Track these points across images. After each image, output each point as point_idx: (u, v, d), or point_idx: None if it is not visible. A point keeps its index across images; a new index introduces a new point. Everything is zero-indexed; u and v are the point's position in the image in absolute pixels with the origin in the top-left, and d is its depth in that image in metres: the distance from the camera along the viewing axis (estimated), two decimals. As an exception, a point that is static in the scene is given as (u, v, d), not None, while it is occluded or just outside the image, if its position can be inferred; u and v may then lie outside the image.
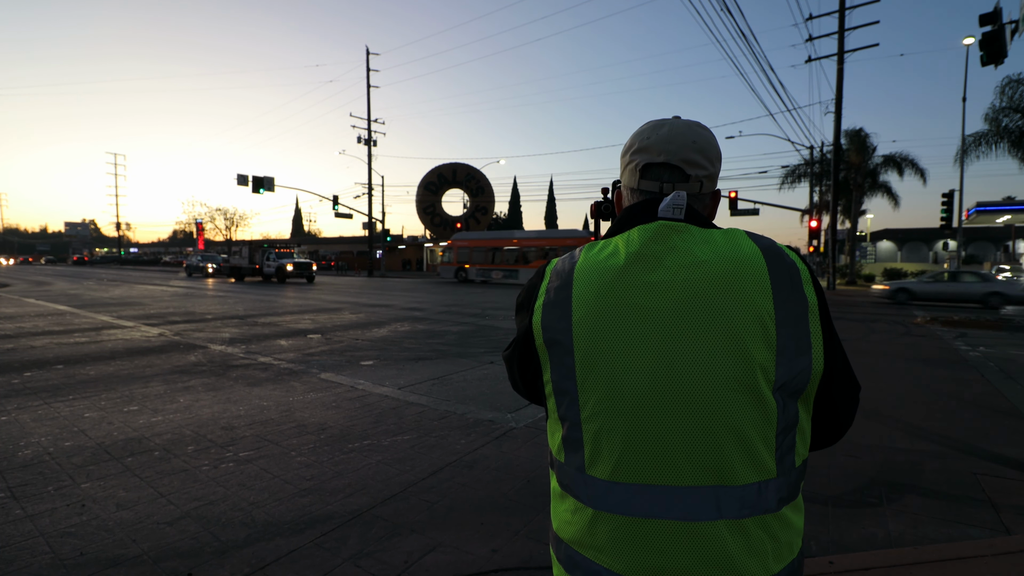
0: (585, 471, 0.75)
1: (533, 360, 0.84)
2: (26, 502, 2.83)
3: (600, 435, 0.74)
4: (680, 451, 0.70)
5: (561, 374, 0.77)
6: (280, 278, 28.30)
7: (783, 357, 0.72)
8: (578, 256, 0.82)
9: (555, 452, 0.82)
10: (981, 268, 32.55)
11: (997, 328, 11.36)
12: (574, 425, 0.76)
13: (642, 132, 0.87)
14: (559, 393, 0.79)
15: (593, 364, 0.74)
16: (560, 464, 0.80)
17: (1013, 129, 20.18)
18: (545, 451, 3.69)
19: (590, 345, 0.75)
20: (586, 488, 0.75)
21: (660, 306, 0.73)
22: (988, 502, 2.96)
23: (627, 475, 0.72)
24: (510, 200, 74.30)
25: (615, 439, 0.73)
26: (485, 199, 48.49)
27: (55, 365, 6.41)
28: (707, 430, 0.70)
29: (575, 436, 0.77)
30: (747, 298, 0.72)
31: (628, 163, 0.88)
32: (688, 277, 0.74)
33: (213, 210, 58.73)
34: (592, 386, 0.74)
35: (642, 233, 0.79)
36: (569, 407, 0.77)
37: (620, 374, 0.73)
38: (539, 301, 0.82)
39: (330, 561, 2.31)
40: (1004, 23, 9.15)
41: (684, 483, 0.70)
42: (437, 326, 10.64)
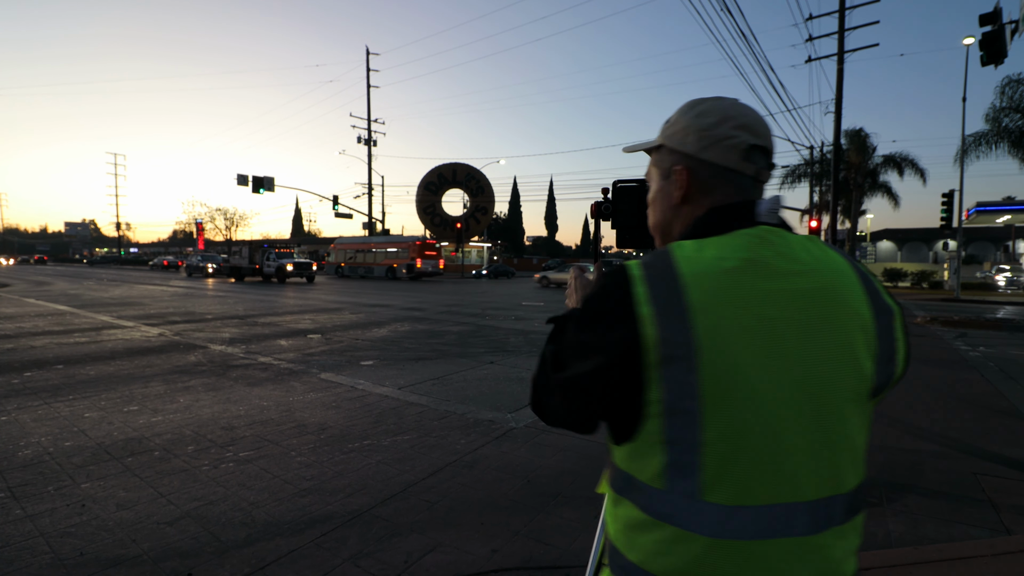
0: (699, 497, 0.67)
1: (631, 377, 0.69)
2: (26, 502, 2.83)
3: (726, 458, 0.67)
4: (806, 466, 0.68)
5: (678, 393, 0.67)
6: (280, 278, 28.33)
7: (879, 365, 0.73)
8: (673, 259, 0.71)
9: (647, 478, 0.71)
10: (981, 268, 32.55)
11: (997, 328, 11.36)
12: (689, 448, 0.67)
13: (730, 106, 0.79)
14: (671, 414, 0.67)
15: (721, 381, 0.66)
16: (655, 491, 0.71)
17: (1013, 129, 20.16)
18: (544, 451, 3.69)
19: (718, 360, 0.66)
20: (699, 515, 0.68)
21: (783, 316, 0.69)
22: (988, 502, 2.96)
23: (752, 497, 0.67)
24: (510, 200, 74.33)
25: (743, 461, 0.67)
26: (485, 199, 48.50)
27: (55, 365, 6.41)
28: (829, 442, 0.69)
29: (688, 460, 0.68)
30: (853, 308, 0.72)
31: (726, 137, 0.78)
32: (802, 286, 0.70)
33: (213, 210, 58.78)
34: (721, 405, 0.66)
35: (747, 237, 0.73)
36: (684, 428, 0.67)
37: (752, 391, 0.66)
38: (644, 309, 0.68)
39: (330, 561, 2.31)
40: (1004, 23, 9.16)
41: (806, 498, 0.68)
42: (437, 326, 10.64)
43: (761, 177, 0.79)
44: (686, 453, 0.68)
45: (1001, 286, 25.71)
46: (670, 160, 0.84)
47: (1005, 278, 25.74)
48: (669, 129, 0.84)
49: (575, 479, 3.21)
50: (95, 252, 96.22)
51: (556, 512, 2.80)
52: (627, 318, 0.69)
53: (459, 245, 42.10)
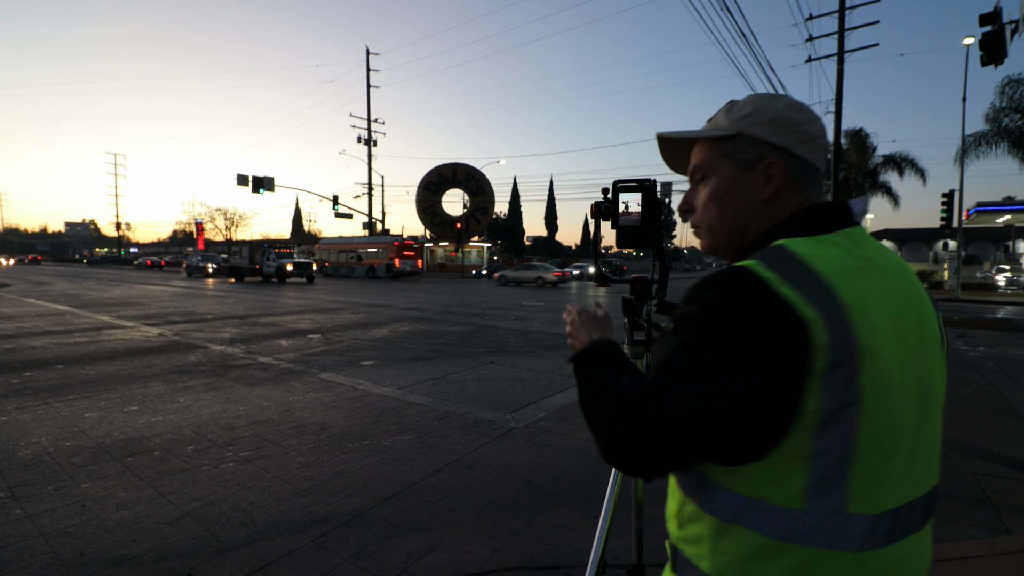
0: (843, 511, 0.63)
1: (786, 394, 0.62)
2: (26, 502, 2.83)
3: (875, 465, 0.64)
4: (926, 461, 0.70)
5: (838, 401, 0.62)
6: (280, 278, 28.36)
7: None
8: (798, 257, 0.66)
9: (781, 499, 0.64)
10: (981, 268, 32.54)
11: (997, 328, 11.36)
12: (839, 460, 0.63)
13: (802, 105, 0.79)
14: (825, 424, 0.62)
15: (878, 384, 0.63)
16: (791, 512, 0.64)
17: (1013, 129, 20.16)
18: (544, 451, 3.69)
19: (875, 362, 0.63)
20: (845, 531, 0.63)
21: (907, 314, 0.68)
22: (988, 502, 2.96)
23: (891, 501, 0.65)
24: (510, 200, 74.31)
25: (891, 466, 0.65)
26: (485, 199, 48.49)
27: (55, 365, 6.41)
28: (937, 435, 0.72)
29: (836, 472, 0.63)
30: (931, 304, 0.74)
31: (817, 136, 0.77)
32: (905, 285, 0.71)
33: (213, 210, 58.77)
34: (876, 410, 0.63)
35: (854, 237, 0.72)
36: (838, 439, 0.62)
37: (898, 392, 0.65)
38: (808, 311, 0.61)
39: (330, 561, 2.31)
40: (1004, 23, 9.16)
41: (922, 492, 0.69)
42: (437, 326, 10.64)
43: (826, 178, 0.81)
44: (835, 466, 0.63)
45: (1001, 286, 25.70)
46: (754, 151, 0.77)
47: (1005, 278, 25.73)
48: (749, 118, 0.77)
49: (575, 479, 3.21)
50: (95, 252, 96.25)
51: (556, 512, 2.79)
52: (784, 323, 0.62)
53: (459, 245, 42.09)
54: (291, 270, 28.20)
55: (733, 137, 0.78)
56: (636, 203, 1.12)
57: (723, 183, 0.79)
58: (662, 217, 1.16)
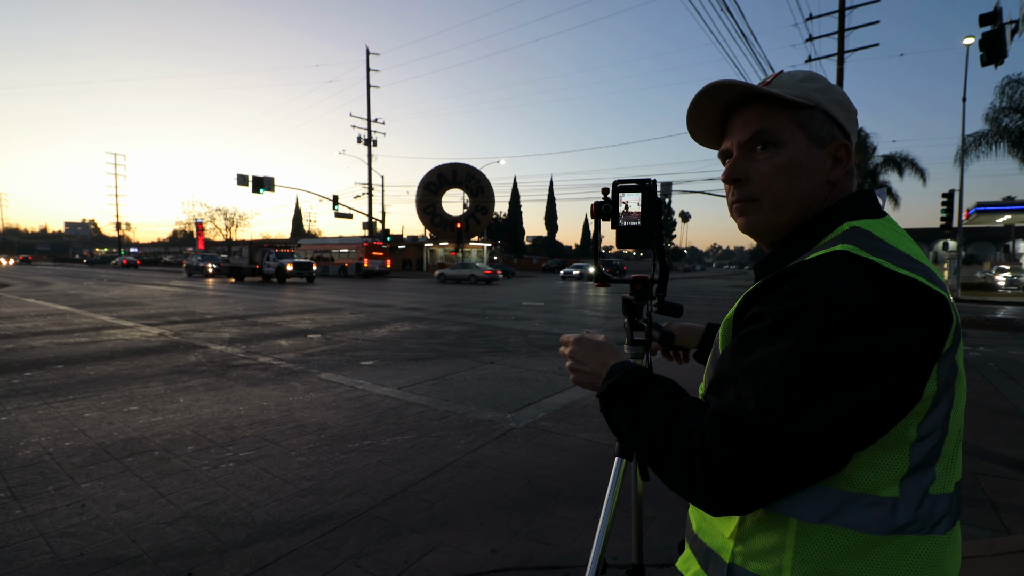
0: (930, 492, 0.62)
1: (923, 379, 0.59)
2: (26, 502, 2.83)
3: (956, 442, 0.65)
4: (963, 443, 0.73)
5: (944, 382, 0.61)
6: (280, 278, 28.38)
7: None
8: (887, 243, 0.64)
9: (879, 489, 0.60)
10: (981, 268, 32.53)
11: (997, 328, 11.36)
12: (937, 442, 0.62)
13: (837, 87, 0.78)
14: (935, 406, 0.61)
15: (962, 360, 0.64)
16: (888, 501, 0.60)
17: (1013, 129, 20.16)
18: (544, 451, 3.69)
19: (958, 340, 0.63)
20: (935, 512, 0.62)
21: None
22: (988, 502, 2.96)
23: (957, 474, 0.66)
24: (510, 200, 74.35)
25: (958, 444, 0.66)
26: (485, 199, 48.50)
27: (55, 365, 6.41)
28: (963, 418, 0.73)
29: (931, 455, 0.61)
30: None
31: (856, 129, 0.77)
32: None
33: (213, 210, 58.77)
34: (961, 386, 0.65)
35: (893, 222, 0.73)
36: (939, 420, 0.62)
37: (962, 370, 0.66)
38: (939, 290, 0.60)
39: (330, 561, 2.31)
40: (1004, 23, 9.16)
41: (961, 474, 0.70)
42: (437, 326, 10.64)
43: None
44: (933, 447, 0.61)
45: (1001, 286, 25.70)
46: (828, 130, 0.73)
47: (1005, 278, 25.72)
48: (825, 93, 0.74)
49: (575, 479, 3.21)
50: (95, 252, 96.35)
51: (556, 512, 2.79)
52: (922, 306, 0.58)
53: (459, 245, 42.08)
54: (291, 270, 28.23)
55: (811, 108, 0.73)
56: (636, 203, 1.12)
57: (799, 156, 0.72)
58: (662, 217, 1.16)
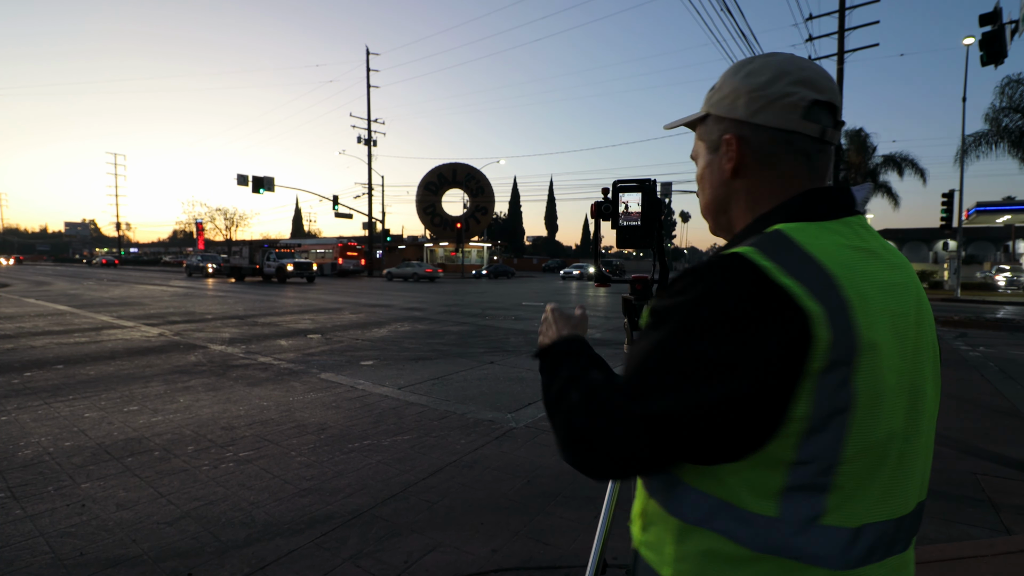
0: (819, 522, 0.59)
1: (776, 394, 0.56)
2: (26, 502, 2.83)
3: (862, 475, 0.59)
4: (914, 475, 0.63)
5: (829, 405, 0.56)
6: (281, 278, 28.37)
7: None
8: (799, 245, 0.61)
9: (752, 504, 0.60)
10: (981, 268, 32.53)
11: (997, 328, 11.36)
12: (824, 469, 0.58)
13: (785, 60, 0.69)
14: (813, 431, 0.57)
15: (873, 388, 0.58)
16: (762, 519, 0.60)
17: (1013, 129, 20.17)
18: (544, 451, 3.69)
19: (872, 364, 0.57)
20: (822, 543, 0.59)
21: (906, 311, 0.62)
22: (988, 502, 2.96)
23: (875, 514, 0.60)
24: (510, 200, 74.39)
25: (879, 476, 0.60)
26: (485, 199, 48.52)
27: (55, 365, 6.41)
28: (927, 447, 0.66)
29: (818, 481, 0.58)
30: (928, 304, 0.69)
31: (781, 96, 0.67)
32: (906, 280, 0.65)
33: (213, 210, 58.78)
34: (869, 415, 0.58)
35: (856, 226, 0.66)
36: (824, 447, 0.57)
37: (892, 397, 0.59)
38: (811, 304, 0.56)
39: (330, 561, 2.31)
40: (1004, 23, 9.16)
41: (909, 509, 0.64)
42: (437, 326, 10.64)
43: (827, 137, 0.68)
44: (818, 474, 0.58)
45: (1001, 286, 25.70)
46: (718, 130, 0.73)
47: (1005, 278, 25.72)
48: (715, 96, 0.74)
49: (575, 479, 3.21)
50: (95, 252, 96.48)
51: (556, 512, 2.79)
52: (784, 317, 0.56)
53: (459, 245, 42.12)
54: (291, 270, 28.20)
55: (704, 119, 0.76)
56: (636, 203, 1.12)
57: (701, 167, 0.78)
58: (662, 217, 1.16)
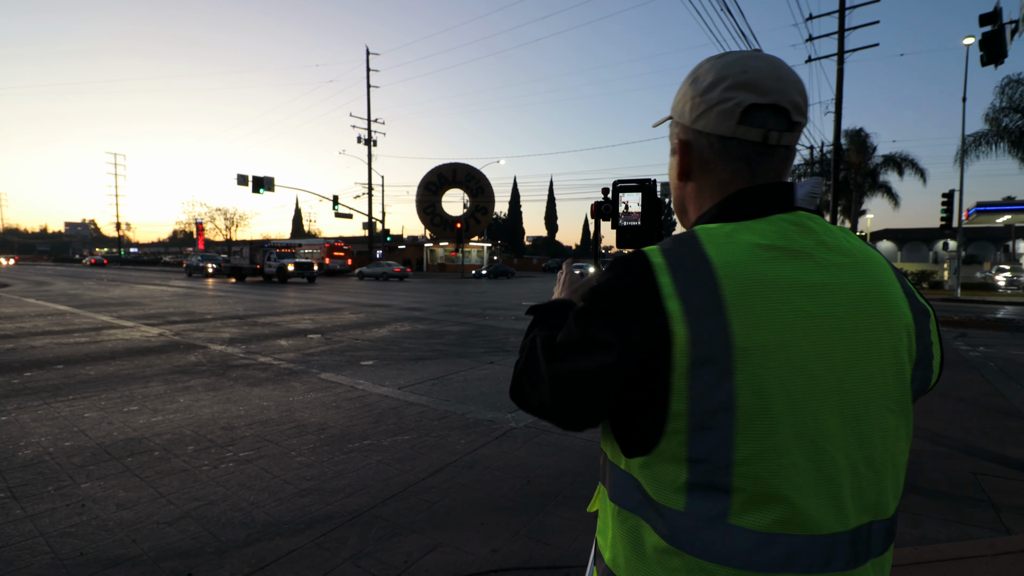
0: (726, 522, 0.58)
1: (645, 384, 0.60)
2: (26, 502, 2.83)
3: (761, 479, 0.57)
4: (849, 489, 0.60)
5: (708, 404, 0.57)
6: (282, 278, 28.31)
7: (918, 371, 0.67)
8: (701, 246, 0.62)
9: (661, 497, 0.62)
10: (981, 268, 32.53)
11: (997, 328, 11.36)
12: (718, 468, 0.58)
13: (732, 63, 0.68)
14: (698, 428, 0.58)
15: (760, 390, 0.57)
16: (672, 512, 0.61)
17: (1013, 129, 20.17)
18: (544, 451, 3.69)
19: (758, 364, 0.57)
20: (725, 543, 0.58)
21: (827, 313, 0.60)
22: (988, 502, 2.96)
23: (790, 526, 0.58)
24: (510, 200, 74.39)
25: (781, 483, 0.57)
26: (485, 199, 48.53)
27: (55, 365, 6.41)
28: (874, 460, 0.61)
29: (717, 480, 0.58)
30: (896, 306, 0.64)
31: (718, 102, 0.67)
32: (846, 280, 0.62)
33: (213, 210, 58.81)
34: (757, 418, 0.57)
35: (784, 223, 0.64)
36: (714, 446, 0.58)
37: (793, 402, 0.57)
38: (672, 304, 0.59)
39: (330, 561, 2.31)
40: (1004, 23, 9.15)
41: (848, 526, 0.60)
42: (437, 326, 10.64)
43: (771, 140, 0.67)
44: (714, 473, 0.58)
45: (1001, 286, 25.70)
46: (674, 133, 0.75)
47: (1005, 278, 25.71)
48: (674, 99, 0.75)
49: (575, 479, 3.21)
50: (95, 252, 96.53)
51: (556, 512, 2.79)
52: (649, 313, 0.60)
53: (459, 245, 42.13)
54: (292, 270, 28.13)
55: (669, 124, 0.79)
56: (636, 203, 1.12)
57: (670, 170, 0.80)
58: (662, 217, 1.16)
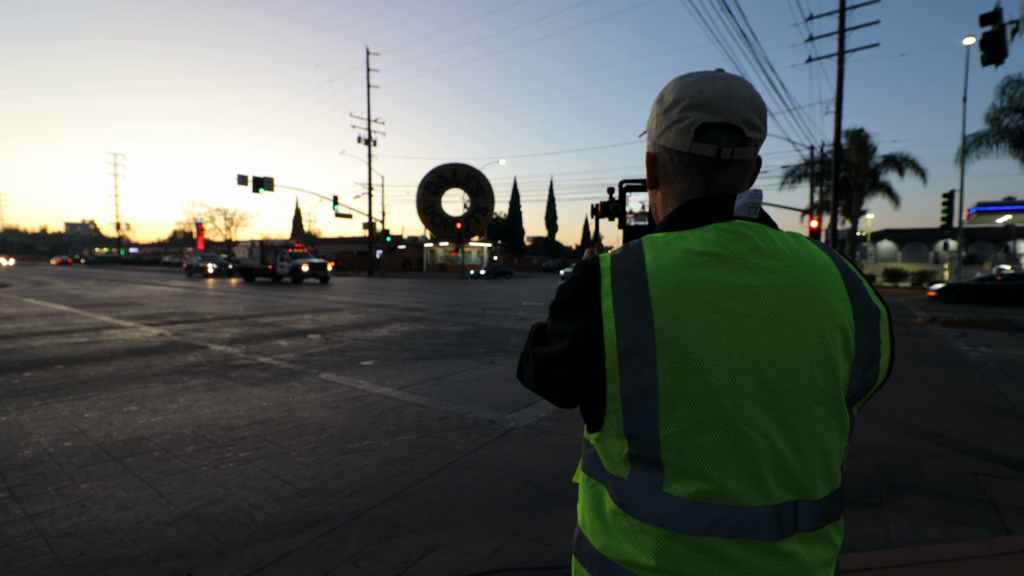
0: (662, 489, 0.68)
1: (591, 369, 0.71)
2: (26, 502, 2.83)
3: (684, 454, 0.67)
4: (770, 469, 0.67)
5: (636, 387, 0.68)
6: (295, 279, 27.38)
7: (858, 368, 0.71)
8: (642, 253, 0.71)
9: (611, 466, 0.73)
10: (982, 268, 32.53)
11: (997, 328, 11.36)
12: (649, 443, 0.68)
13: (690, 84, 0.75)
14: (629, 409, 0.68)
15: (681, 377, 0.66)
16: (620, 480, 0.72)
17: (1013, 129, 20.18)
18: (544, 451, 3.69)
19: (678, 355, 0.66)
20: (659, 507, 0.68)
21: (750, 312, 0.67)
22: (988, 502, 2.96)
23: (714, 496, 0.67)
24: (510, 200, 74.37)
25: (702, 459, 0.66)
26: (485, 199, 48.53)
27: (55, 365, 6.41)
28: (797, 446, 0.67)
29: (649, 454, 0.69)
30: (832, 307, 0.69)
31: (676, 121, 0.75)
32: (775, 282, 0.69)
33: (213, 210, 58.84)
34: (678, 401, 0.66)
35: (720, 232, 0.72)
36: (643, 424, 0.68)
37: (714, 387, 0.66)
38: (606, 303, 0.69)
39: (330, 561, 2.31)
40: (1004, 23, 9.15)
41: (772, 501, 0.67)
42: (437, 326, 10.64)
43: (723, 155, 0.74)
44: (647, 448, 0.69)
45: (1001, 286, 25.63)
46: (647, 147, 0.84)
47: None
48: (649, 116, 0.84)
49: (575, 479, 3.21)
50: (94, 252, 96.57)
51: (556, 512, 2.79)
52: (591, 310, 0.71)
53: (459, 245, 42.12)
54: (306, 271, 27.18)
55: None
56: (641, 202, 1.11)
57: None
58: None
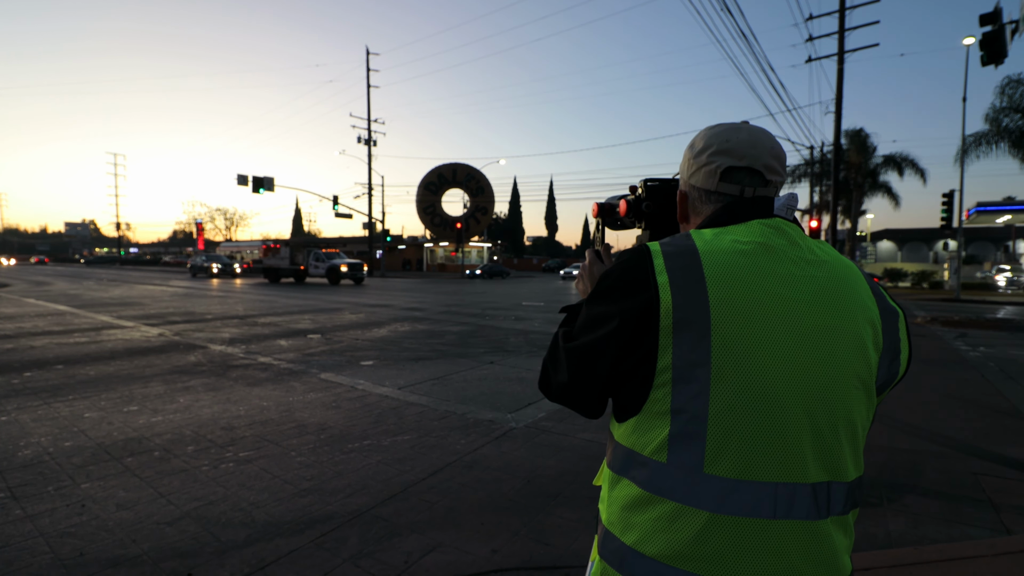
0: (701, 470, 0.69)
1: (638, 347, 0.73)
2: (26, 502, 2.83)
3: (730, 430, 0.68)
4: (810, 446, 0.69)
5: (689, 359, 0.69)
6: (333, 279, 26.71)
7: (885, 360, 0.77)
8: (691, 240, 0.77)
9: (650, 451, 0.73)
10: (981, 268, 32.52)
11: (997, 328, 11.36)
12: (695, 418, 0.69)
13: (718, 134, 0.85)
14: (680, 381, 0.70)
15: (731, 350, 0.68)
16: (657, 465, 0.72)
17: (1013, 129, 20.18)
18: (544, 451, 3.69)
19: (732, 328, 0.69)
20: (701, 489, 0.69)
21: (797, 297, 0.72)
22: (988, 502, 2.96)
23: (755, 473, 0.68)
24: (510, 200, 74.35)
25: (748, 434, 0.68)
26: (485, 199, 48.54)
27: (55, 365, 6.41)
28: (833, 425, 0.71)
29: (693, 430, 0.69)
30: (862, 301, 0.76)
31: (705, 164, 0.85)
32: (815, 274, 0.75)
33: (213, 210, 58.95)
34: (729, 375, 0.68)
35: (763, 226, 0.79)
36: (693, 397, 0.69)
37: (763, 363, 0.68)
38: (661, 278, 0.73)
39: (330, 561, 2.31)
40: (1004, 23, 9.15)
41: (809, 480, 0.70)
42: (437, 326, 10.64)
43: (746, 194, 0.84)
44: (691, 423, 0.70)
45: (1001, 286, 25.69)
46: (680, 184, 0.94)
47: (1005, 278, 25.71)
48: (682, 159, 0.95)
49: (575, 479, 3.21)
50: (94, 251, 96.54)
51: (556, 512, 2.79)
52: (644, 286, 0.74)
53: (459, 245, 42.14)
54: (345, 271, 26.47)
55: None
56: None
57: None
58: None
